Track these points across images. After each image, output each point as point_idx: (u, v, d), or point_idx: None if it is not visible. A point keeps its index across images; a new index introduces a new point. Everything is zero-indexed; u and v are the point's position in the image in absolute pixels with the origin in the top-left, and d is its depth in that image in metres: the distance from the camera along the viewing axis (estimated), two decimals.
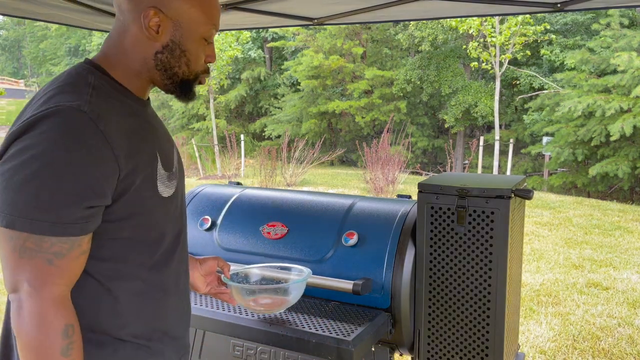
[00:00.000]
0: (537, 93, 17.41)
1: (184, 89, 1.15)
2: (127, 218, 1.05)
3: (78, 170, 0.93)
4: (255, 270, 1.66)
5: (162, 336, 1.16)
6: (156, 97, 25.92)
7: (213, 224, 2.01)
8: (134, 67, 1.10)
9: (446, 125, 20.64)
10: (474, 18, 13.11)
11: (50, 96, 0.98)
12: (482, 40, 14.49)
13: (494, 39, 13.62)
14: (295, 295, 1.55)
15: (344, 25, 19.47)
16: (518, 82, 19.25)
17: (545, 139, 15.91)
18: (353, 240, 1.76)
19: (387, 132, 11.28)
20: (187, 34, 1.10)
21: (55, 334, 0.95)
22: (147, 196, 1.07)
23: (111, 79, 1.08)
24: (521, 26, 13.50)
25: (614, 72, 13.77)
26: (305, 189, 11.00)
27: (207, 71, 1.18)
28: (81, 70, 1.06)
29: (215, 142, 16.45)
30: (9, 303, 1.07)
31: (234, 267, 1.68)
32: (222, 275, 1.51)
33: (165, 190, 1.12)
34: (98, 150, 0.95)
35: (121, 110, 1.06)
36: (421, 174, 14.93)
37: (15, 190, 0.91)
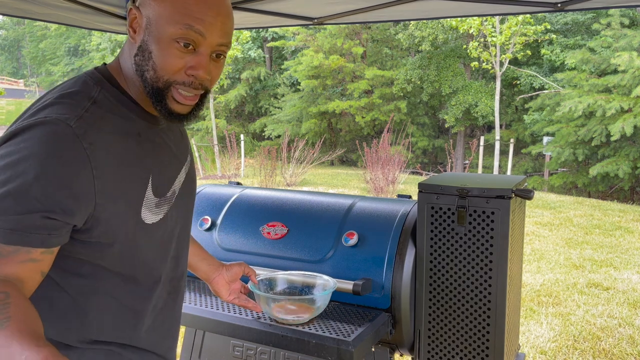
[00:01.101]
0: (537, 93, 17.41)
1: (156, 98, 1.00)
2: (108, 244, 0.99)
3: (48, 181, 0.88)
4: (281, 275, 1.69)
5: (137, 350, 1.12)
6: None
7: (213, 224, 2.01)
8: (129, 75, 1.04)
9: (446, 125, 20.64)
10: (474, 18, 13.11)
11: (45, 106, 0.94)
12: (482, 40, 14.50)
13: (494, 39, 13.63)
14: (321, 305, 1.58)
15: (344, 25, 19.50)
16: (518, 82, 19.26)
17: (545, 139, 15.92)
18: (353, 240, 1.76)
19: (387, 132, 11.28)
20: (155, 34, 0.97)
21: None
22: (128, 222, 1.00)
23: (120, 92, 1.03)
24: (521, 26, 13.51)
25: (615, 72, 13.78)
26: (305, 189, 11.00)
27: (188, 84, 1.00)
28: (89, 80, 1.02)
29: (215, 142, 16.46)
30: None
31: (259, 272, 1.71)
32: (250, 283, 1.53)
33: (150, 217, 1.04)
34: (74, 167, 0.90)
35: (120, 128, 1.00)
36: (421, 174, 14.93)
37: None
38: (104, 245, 0.99)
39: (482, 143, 13.84)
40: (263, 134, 23.94)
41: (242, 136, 15.90)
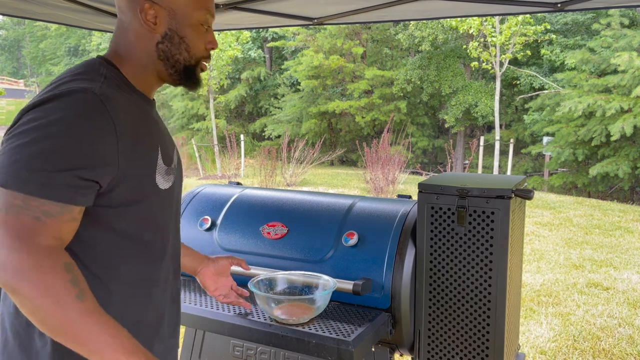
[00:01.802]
0: (537, 93, 17.41)
1: (187, 75, 1.19)
2: (128, 205, 1.07)
3: (76, 140, 0.96)
4: (281, 275, 1.69)
5: (147, 330, 1.17)
6: (156, 97, 25.88)
7: (213, 224, 2.01)
8: (141, 62, 1.15)
9: (446, 125, 20.64)
10: (474, 18, 13.11)
11: (65, 82, 1.04)
12: (482, 40, 14.49)
13: (494, 39, 13.63)
14: (321, 305, 1.58)
15: (344, 25, 19.49)
16: (518, 82, 19.25)
17: (545, 139, 15.92)
18: (353, 240, 1.76)
19: (387, 132, 11.28)
20: (183, 21, 1.15)
21: (56, 269, 0.92)
22: (146, 186, 1.11)
23: (120, 74, 1.13)
24: (521, 26, 13.51)
25: (615, 72, 13.77)
26: (305, 189, 11.00)
27: (208, 57, 1.22)
28: (94, 63, 1.12)
29: (215, 142, 16.46)
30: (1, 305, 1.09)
31: (259, 272, 1.72)
32: (250, 283, 1.56)
33: (162, 182, 1.15)
34: (102, 129, 1.00)
35: (129, 101, 1.11)
36: (421, 174, 14.93)
37: (13, 153, 0.94)
38: (127, 206, 1.07)
39: (482, 143, 13.84)
40: (263, 134, 23.94)
41: (242, 136, 15.89)
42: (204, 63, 1.22)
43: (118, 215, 1.07)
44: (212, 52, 1.25)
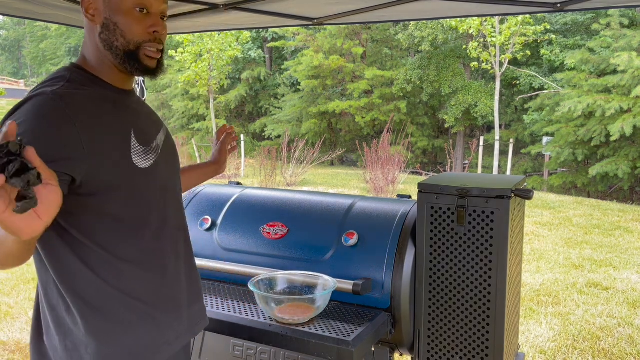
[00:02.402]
0: (537, 93, 17.41)
1: (130, 61, 1.21)
2: (111, 188, 1.15)
3: (37, 138, 1.04)
4: (281, 275, 1.69)
5: (157, 299, 1.25)
6: (156, 97, 25.92)
7: (213, 224, 2.01)
8: (96, 56, 1.23)
9: (446, 125, 20.63)
10: (474, 18, 13.12)
11: (34, 90, 1.16)
12: (482, 40, 14.50)
13: (494, 39, 13.64)
14: (321, 305, 1.58)
15: (344, 25, 19.49)
16: (518, 82, 19.25)
17: (545, 139, 15.91)
18: (353, 240, 1.76)
19: (387, 132, 11.28)
20: (116, 8, 1.19)
21: None
22: (124, 167, 1.17)
23: (87, 74, 1.22)
24: (521, 26, 13.51)
25: (614, 72, 13.77)
26: (305, 189, 11.00)
27: (152, 41, 1.23)
28: (61, 70, 1.22)
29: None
30: (39, 285, 1.21)
31: (259, 272, 1.72)
32: (249, 283, 1.60)
33: (141, 162, 1.21)
34: (60, 126, 1.08)
35: (94, 97, 1.18)
36: (421, 174, 14.93)
37: None
38: (110, 190, 1.15)
39: (481, 143, 13.84)
40: (263, 134, 23.93)
41: (242, 136, 15.89)
42: (149, 48, 1.22)
43: (106, 199, 1.14)
44: (159, 36, 1.24)
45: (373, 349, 1.76)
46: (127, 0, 1.19)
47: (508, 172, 13.87)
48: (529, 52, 15.38)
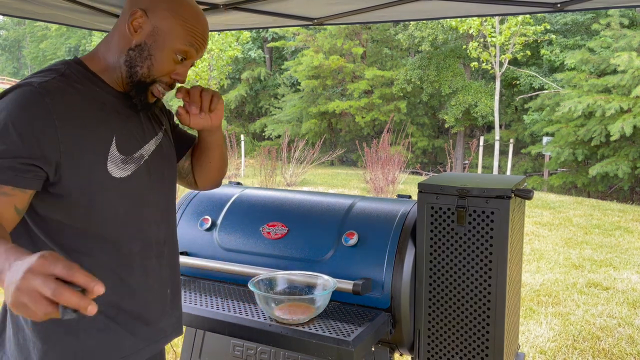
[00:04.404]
0: (537, 93, 17.41)
1: (138, 89, 1.21)
2: (75, 195, 1.12)
3: (16, 130, 1.04)
4: (281, 275, 1.69)
5: (118, 313, 1.21)
6: None
7: (213, 224, 2.01)
8: (111, 60, 1.21)
9: (446, 125, 20.64)
10: (474, 18, 13.12)
11: (27, 77, 1.14)
12: (482, 40, 14.50)
13: (494, 39, 13.64)
14: (321, 305, 1.58)
15: (344, 25, 19.48)
16: (518, 82, 19.26)
17: (545, 139, 15.92)
18: (353, 240, 1.76)
19: (387, 132, 11.29)
20: (161, 43, 1.18)
21: None
22: (96, 173, 1.14)
23: (88, 71, 1.20)
24: (521, 26, 13.52)
25: (614, 72, 13.78)
26: (305, 189, 11.00)
27: (168, 84, 1.23)
28: (59, 62, 1.20)
29: None
30: None
31: (259, 271, 1.71)
32: (249, 283, 1.58)
33: (116, 171, 1.18)
34: (39, 118, 1.06)
35: (85, 95, 1.16)
36: (421, 174, 14.93)
37: None
38: (78, 195, 1.12)
39: (481, 143, 13.84)
40: (263, 134, 23.94)
41: (242, 136, 15.90)
42: (159, 88, 1.22)
43: (73, 204, 1.12)
44: (177, 84, 1.26)
45: (373, 349, 1.76)
46: (175, 43, 1.19)
47: (508, 172, 13.88)
48: (529, 52, 15.39)
